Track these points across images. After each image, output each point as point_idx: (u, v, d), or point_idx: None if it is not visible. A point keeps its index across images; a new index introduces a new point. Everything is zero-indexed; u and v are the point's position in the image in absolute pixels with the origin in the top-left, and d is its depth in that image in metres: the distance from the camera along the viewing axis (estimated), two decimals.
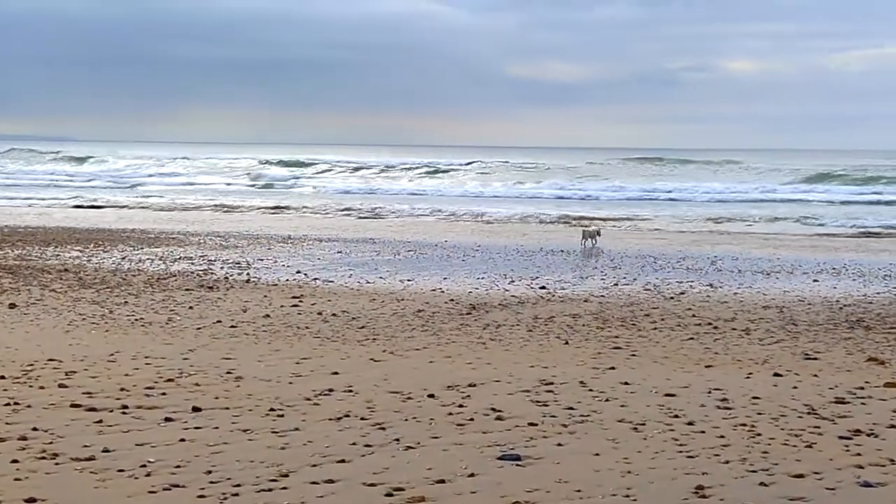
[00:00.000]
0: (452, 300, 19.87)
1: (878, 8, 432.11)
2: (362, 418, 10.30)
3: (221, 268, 24.46)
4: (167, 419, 10.15)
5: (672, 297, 20.80)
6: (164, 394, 11.27)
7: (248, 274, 23.39)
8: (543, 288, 21.91)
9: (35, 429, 9.63)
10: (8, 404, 10.48)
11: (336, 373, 12.63)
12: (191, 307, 18.37)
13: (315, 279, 22.75)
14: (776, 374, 13.05)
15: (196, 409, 10.54)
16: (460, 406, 10.87)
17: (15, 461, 8.56)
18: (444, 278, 23.42)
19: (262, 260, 26.42)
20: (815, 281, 24.10)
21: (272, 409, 10.61)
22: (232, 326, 16.46)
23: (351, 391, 11.58)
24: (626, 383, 12.24)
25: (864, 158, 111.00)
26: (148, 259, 26.12)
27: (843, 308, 19.61)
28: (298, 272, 23.97)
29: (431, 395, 11.35)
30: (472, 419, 10.31)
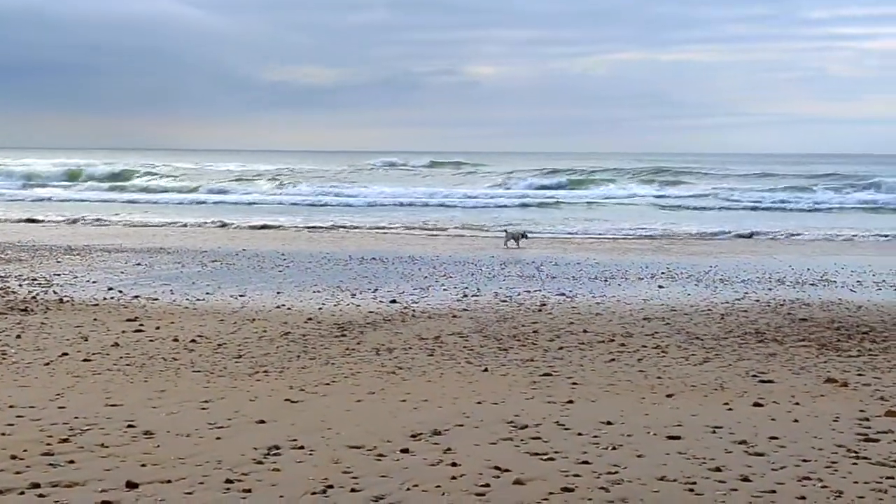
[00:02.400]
0: (312, 319, 17.68)
1: (624, 14, 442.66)
2: (353, 490, 8.16)
3: (20, 285, 21.38)
4: None
5: (540, 310, 19.26)
6: (71, 461, 8.81)
7: (55, 292, 20.46)
8: (395, 302, 19.97)
9: None
10: None
11: (262, 421, 10.39)
12: (18, 336, 15.53)
13: (136, 297, 20.06)
14: (757, 405, 11.59)
15: (132, 486, 8.15)
16: (454, 465, 8.87)
17: None
18: (278, 293, 21.14)
19: (59, 275, 23.37)
20: (660, 287, 23.07)
21: (229, 481, 8.34)
22: (85, 360, 13.82)
23: (302, 448, 9.39)
24: (609, 423, 10.52)
25: (609, 160, 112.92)
26: None
27: (723, 317, 18.54)
28: (111, 289, 21.18)
29: (405, 451, 9.30)
30: (487, 485, 8.32)
